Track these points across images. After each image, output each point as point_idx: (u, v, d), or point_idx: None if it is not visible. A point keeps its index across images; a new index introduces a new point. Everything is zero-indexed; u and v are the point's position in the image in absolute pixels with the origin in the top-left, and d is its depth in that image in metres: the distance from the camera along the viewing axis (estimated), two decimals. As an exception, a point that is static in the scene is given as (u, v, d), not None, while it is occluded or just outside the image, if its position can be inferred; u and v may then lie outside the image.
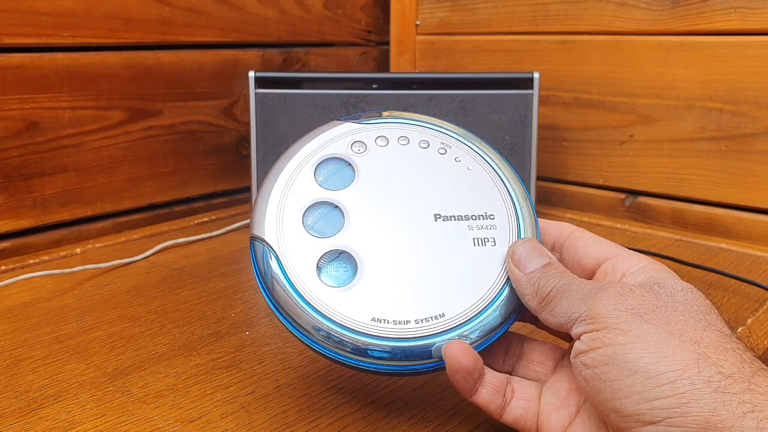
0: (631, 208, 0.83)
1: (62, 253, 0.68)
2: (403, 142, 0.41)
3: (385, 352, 0.35)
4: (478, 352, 0.36)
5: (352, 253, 0.37)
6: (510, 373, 0.39)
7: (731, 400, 0.28)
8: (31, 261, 0.66)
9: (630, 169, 0.82)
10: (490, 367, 0.37)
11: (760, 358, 0.31)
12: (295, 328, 0.36)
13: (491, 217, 0.39)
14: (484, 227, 0.39)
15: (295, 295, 0.36)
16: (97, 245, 0.70)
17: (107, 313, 0.54)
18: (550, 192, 0.89)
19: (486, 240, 0.38)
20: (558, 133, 0.86)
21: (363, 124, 0.42)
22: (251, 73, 0.73)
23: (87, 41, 0.71)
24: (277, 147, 0.73)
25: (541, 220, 0.40)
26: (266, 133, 0.73)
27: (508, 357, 0.39)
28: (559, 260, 0.37)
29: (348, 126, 0.41)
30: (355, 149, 0.40)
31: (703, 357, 0.29)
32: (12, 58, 0.66)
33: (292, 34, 0.89)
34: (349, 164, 0.40)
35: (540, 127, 0.79)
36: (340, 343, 0.36)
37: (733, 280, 0.61)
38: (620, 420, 0.30)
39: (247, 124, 0.86)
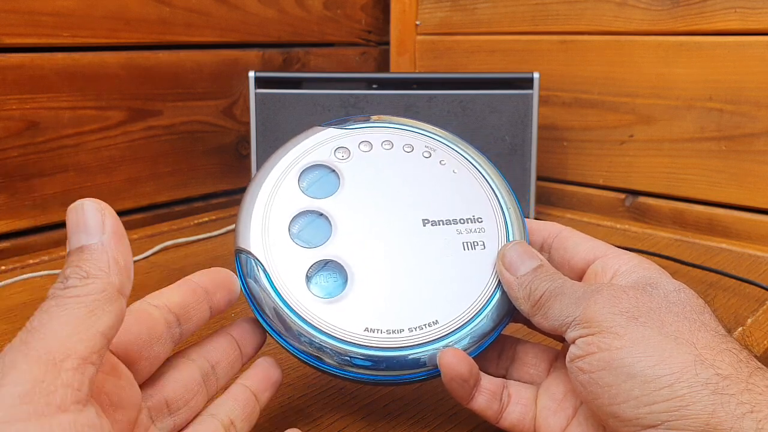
0: (631, 208, 0.83)
1: (62, 253, 0.68)
2: (387, 147, 0.40)
3: (382, 362, 0.35)
4: (472, 358, 0.35)
5: (342, 263, 0.36)
6: (504, 376, 0.38)
7: (730, 401, 0.28)
8: (31, 261, 0.66)
9: (630, 169, 0.82)
10: (484, 371, 0.37)
11: (756, 357, 0.31)
12: (290, 345, 0.35)
13: (479, 220, 0.38)
14: (472, 231, 0.38)
15: (286, 310, 0.35)
16: (97, 245, 0.70)
17: (107, 313, 0.54)
18: (550, 192, 0.89)
19: (475, 244, 0.38)
20: (558, 133, 0.86)
21: (345, 129, 0.41)
22: (251, 73, 0.73)
23: (87, 41, 0.71)
24: (277, 147, 0.73)
25: (528, 221, 0.40)
26: (266, 133, 0.73)
27: (501, 360, 0.39)
28: (547, 260, 0.37)
29: (330, 132, 0.41)
30: (339, 155, 0.40)
31: (700, 359, 0.29)
32: (12, 58, 0.66)
33: (292, 34, 0.89)
34: (334, 171, 0.39)
35: (540, 127, 0.79)
36: (337, 355, 0.35)
37: (733, 280, 0.60)
38: (619, 424, 0.30)
39: (247, 124, 0.86)
